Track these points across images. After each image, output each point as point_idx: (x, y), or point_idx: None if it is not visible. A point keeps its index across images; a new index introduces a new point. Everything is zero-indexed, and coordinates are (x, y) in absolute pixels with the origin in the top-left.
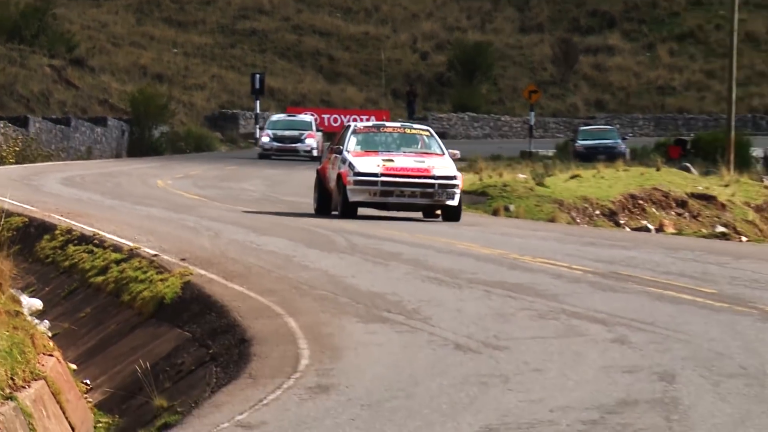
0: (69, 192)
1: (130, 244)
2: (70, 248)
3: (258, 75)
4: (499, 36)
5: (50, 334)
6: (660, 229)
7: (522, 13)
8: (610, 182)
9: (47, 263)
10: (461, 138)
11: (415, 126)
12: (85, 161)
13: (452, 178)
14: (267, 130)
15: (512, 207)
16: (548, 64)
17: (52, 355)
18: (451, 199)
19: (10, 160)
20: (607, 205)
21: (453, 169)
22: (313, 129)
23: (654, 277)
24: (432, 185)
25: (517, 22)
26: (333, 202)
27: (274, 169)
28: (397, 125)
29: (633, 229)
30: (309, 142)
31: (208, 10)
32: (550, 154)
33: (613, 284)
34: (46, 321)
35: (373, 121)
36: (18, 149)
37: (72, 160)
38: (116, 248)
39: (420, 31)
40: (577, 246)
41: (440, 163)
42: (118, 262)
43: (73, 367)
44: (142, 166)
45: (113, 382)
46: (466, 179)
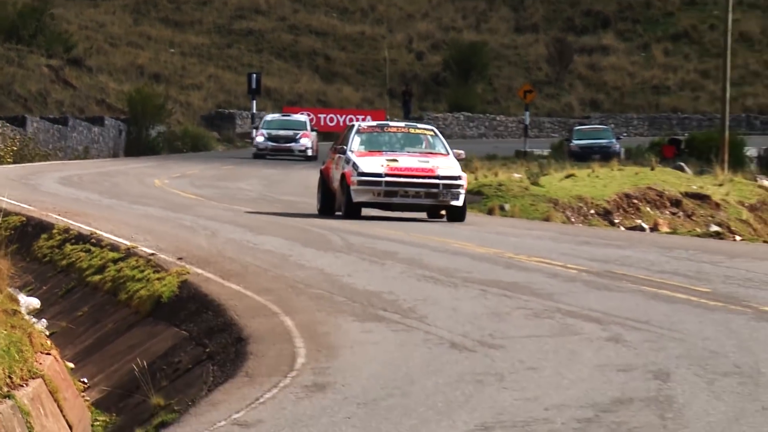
0: (66, 191)
1: (128, 243)
2: (68, 247)
3: (254, 75)
4: (494, 36)
5: (48, 333)
6: (654, 229)
7: (517, 13)
8: (605, 182)
9: (45, 262)
10: (457, 138)
11: (419, 126)
12: (82, 161)
13: (457, 178)
14: (261, 130)
15: (507, 206)
16: (543, 64)
17: (50, 354)
18: (455, 199)
19: (8, 160)
20: (601, 204)
21: (458, 169)
22: (308, 128)
23: (648, 276)
24: (436, 185)
25: (512, 22)
26: (337, 202)
27: (270, 168)
28: (401, 125)
29: (627, 228)
30: (304, 141)
31: (205, 10)
32: (545, 153)
33: (607, 283)
34: (43, 320)
35: (377, 121)
36: (16, 149)
37: (69, 159)
38: (113, 247)
39: (415, 31)
40: (572, 245)
41: (445, 163)
42: (115, 261)
43: (71, 365)
44: (139, 166)
45: (110, 381)
46: None
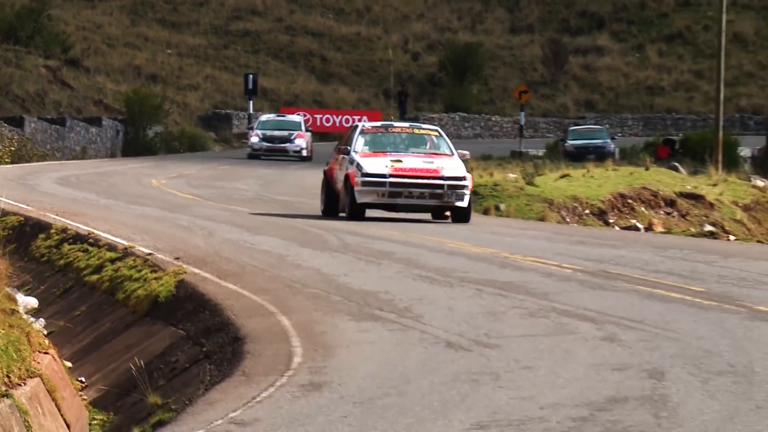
0: (64, 191)
1: (125, 243)
2: (66, 247)
3: (251, 75)
4: (489, 37)
5: (45, 332)
6: (649, 228)
7: (512, 14)
8: (600, 182)
9: (42, 262)
10: (452, 138)
11: (423, 126)
12: (80, 161)
13: (462, 179)
14: (256, 131)
15: (503, 206)
16: (538, 65)
17: (48, 353)
18: (460, 200)
19: (6, 160)
20: (596, 204)
21: (462, 170)
22: (303, 129)
23: (643, 276)
24: (441, 186)
25: (507, 22)
26: (341, 203)
27: (266, 168)
28: (406, 125)
29: (622, 228)
30: (298, 142)
31: (202, 12)
32: (540, 153)
33: (602, 283)
34: (41, 319)
35: (381, 121)
36: (13, 149)
37: (67, 159)
38: (111, 247)
39: (411, 32)
40: (567, 245)
41: (449, 164)
42: (112, 261)
43: (69, 364)
44: (137, 166)
45: (108, 380)
46: None
